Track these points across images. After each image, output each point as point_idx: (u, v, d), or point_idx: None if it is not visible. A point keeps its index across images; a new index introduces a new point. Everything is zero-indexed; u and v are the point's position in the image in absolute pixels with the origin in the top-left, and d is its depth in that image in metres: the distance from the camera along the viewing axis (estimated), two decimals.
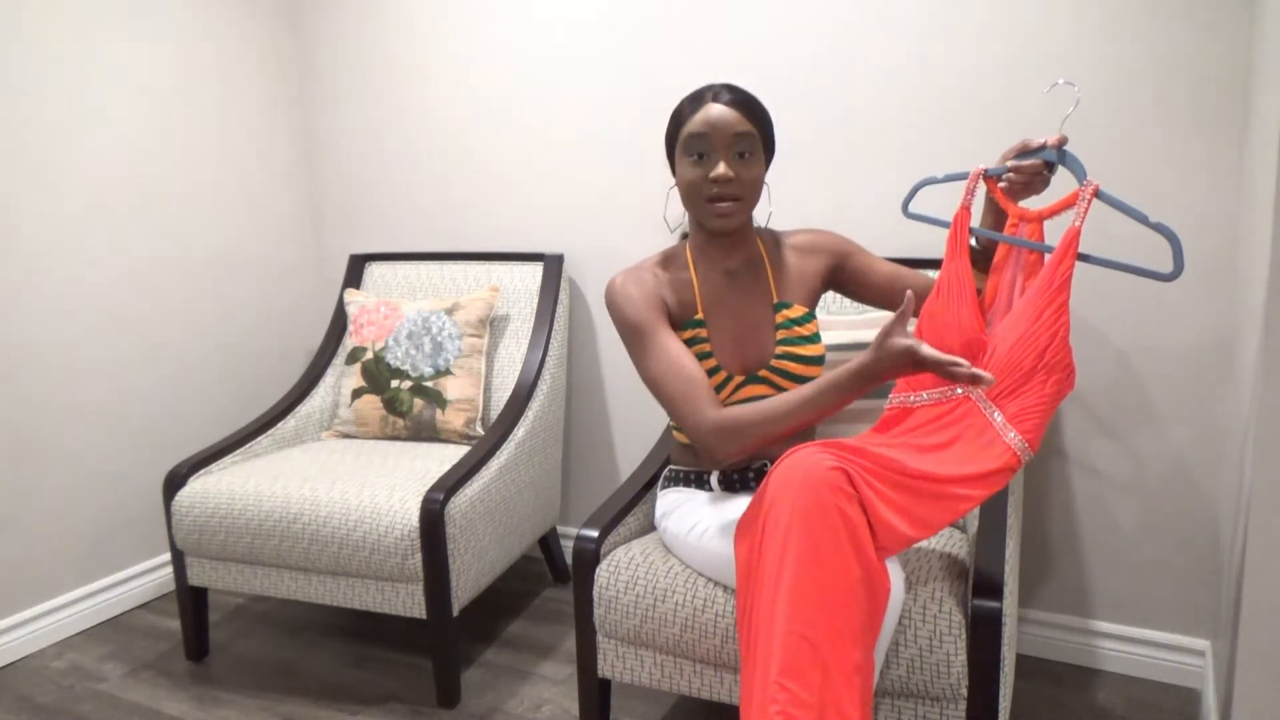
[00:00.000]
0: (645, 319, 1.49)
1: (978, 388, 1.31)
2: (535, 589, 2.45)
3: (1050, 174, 1.41)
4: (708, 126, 1.44)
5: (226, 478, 2.01)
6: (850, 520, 1.16)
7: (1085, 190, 1.31)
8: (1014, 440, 1.29)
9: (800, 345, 1.53)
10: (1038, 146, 1.38)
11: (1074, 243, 1.30)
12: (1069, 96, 1.53)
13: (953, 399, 1.39)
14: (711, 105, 1.45)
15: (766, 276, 1.57)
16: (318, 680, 2.02)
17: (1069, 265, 1.30)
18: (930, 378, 1.42)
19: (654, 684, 1.52)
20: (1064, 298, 1.30)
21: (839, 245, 1.61)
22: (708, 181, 1.44)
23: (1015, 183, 1.42)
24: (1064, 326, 1.30)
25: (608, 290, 1.54)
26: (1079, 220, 1.31)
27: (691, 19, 2.18)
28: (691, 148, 1.45)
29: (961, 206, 1.46)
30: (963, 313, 1.40)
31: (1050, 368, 1.29)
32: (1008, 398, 1.32)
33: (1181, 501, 1.84)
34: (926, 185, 1.56)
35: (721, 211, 1.46)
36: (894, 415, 1.45)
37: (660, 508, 1.61)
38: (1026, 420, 1.29)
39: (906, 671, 1.30)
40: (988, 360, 1.35)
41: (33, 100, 2.16)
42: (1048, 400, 1.30)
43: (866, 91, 2.01)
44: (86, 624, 2.31)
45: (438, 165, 2.61)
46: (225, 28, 2.59)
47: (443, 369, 2.25)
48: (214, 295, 2.61)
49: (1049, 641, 2.00)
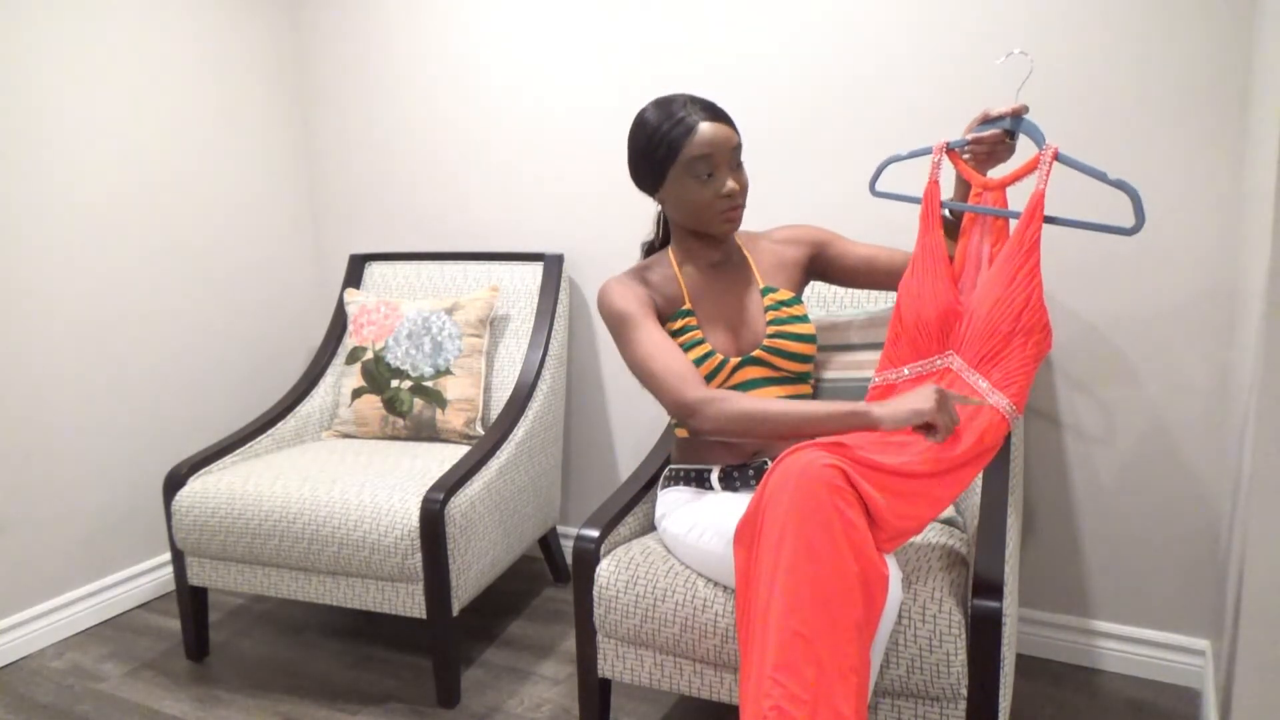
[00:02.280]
0: (632, 310, 1.54)
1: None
2: (535, 589, 2.45)
3: (1013, 141, 1.43)
4: (712, 147, 1.47)
5: (226, 478, 2.01)
6: (847, 518, 1.16)
7: (1045, 154, 1.34)
8: (1002, 404, 1.32)
9: (792, 324, 1.58)
10: (997, 116, 1.41)
11: (1039, 206, 1.33)
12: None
13: (932, 371, 1.43)
14: (704, 125, 1.48)
15: (749, 266, 1.64)
16: (318, 680, 2.02)
17: (1036, 228, 1.32)
18: (909, 352, 1.46)
19: (654, 684, 1.52)
20: (1034, 259, 1.32)
21: (815, 235, 1.68)
22: (721, 198, 1.50)
23: (979, 153, 1.45)
24: (1037, 287, 1.32)
25: (598, 294, 1.59)
26: (1042, 183, 1.34)
27: (692, 19, 2.18)
28: (698, 169, 1.49)
29: (930, 180, 1.49)
30: (938, 285, 1.43)
31: (1028, 330, 1.32)
32: (990, 363, 1.35)
33: (1182, 501, 1.84)
34: (892, 163, 1.59)
35: (732, 219, 1.53)
36: (877, 395, 1.49)
37: (660, 507, 1.62)
38: (1011, 384, 1.33)
39: (906, 671, 1.30)
40: (965, 327, 1.38)
41: (32, 101, 2.16)
42: (1030, 361, 1.33)
43: (851, 84, 2.01)
44: (86, 624, 2.31)
45: (438, 165, 2.61)
46: (225, 28, 2.59)
47: (443, 369, 2.25)
48: (214, 295, 2.61)
49: (1049, 641, 2.00)
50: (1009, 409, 1.32)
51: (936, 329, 1.42)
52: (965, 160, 1.47)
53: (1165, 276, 1.79)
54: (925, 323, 1.43)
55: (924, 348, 1.44)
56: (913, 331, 1.45)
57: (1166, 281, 1.79)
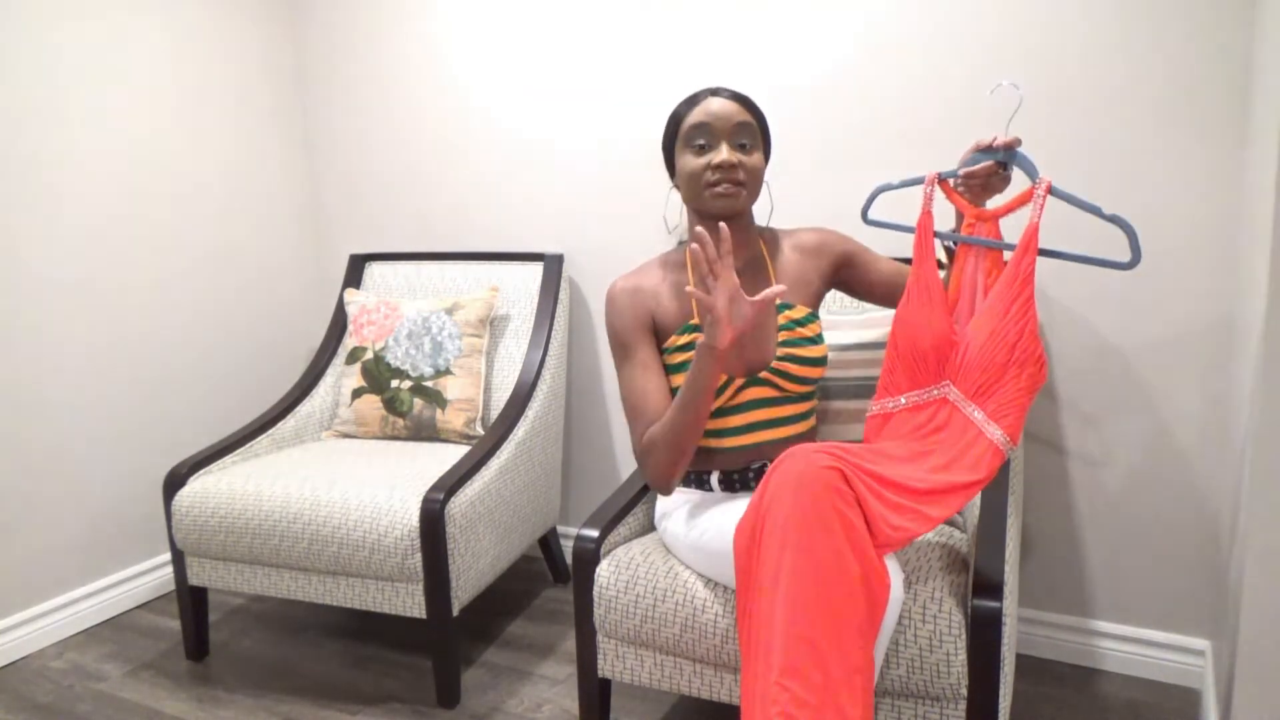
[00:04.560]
0: (626, 339, 1.54)
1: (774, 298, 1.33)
2: (535, 589, 2.45)
3: (1008, 172, 1.43)
4: (709, 116, 1.46)
5: (226, 478, 2.01)
6: (847, 519, 1.16)
7: (1039, 187, 1.35)
8: (996, 436, 1.33)
9: (802, 346, 1.53)
10: (988, 147, 1.41)
11: (1033, 238, 1.34)
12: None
13: (930, 400, 1.43)
14: (711, 99, 1.49)
15: (769, 278, 1.57)
16: (318, 680, 2.02)
17: (1031, 261, 1.34)
18: (905, 381, 1.46)
19: (654, 684, 1.52)
20: (1029, 292, 1.33)
21: (842, 245, 1.62)
22: (710, 169, 1.46)
23: (973, 185, 1.45)
24: (1032, 320, 1.33)
25: (607, 294, 1.58)
26: (1036, 217, 1.35)
27: (692, 19, 2.18)
28: (693, 138, 1.47)
29: (923, 212, 1.48)
30: (932, 316, 1.43)
31: (1022, 362, 1.33)
32: (985, 395, 1.35)
33: (1182, 501, 1.84)
34: (883, 191, 1.59)
35: (722, 192, 1.46)
36: (875, 424, 1.49)
37: (660, 508, 1.62)
38: (1006, 415, 1.33)
39: (906, 671, 1.30)
40: (960, 359, 1.38)
41: (31, 101, 2.16)
42: (1024, 393, 1.33)
43: (880, 94, 2.01)
44: (86, 624, 2.31)
45: (438, 165, 2.61)
46: (225, 27, 2.59)
47: (443, 369, 2.25)
48: (214, 295, 2.61)
49: (1049, 641, 2.00)
50: (1003, 441, 1.32)
51: (933, 359, 1.42)
52: (959, 192, 1.47)
53: (1164, 301, 1.79)
54: (921, 352, 1.43)
55: (920, 377, 1.44)
56: (908, 360, 1.45)
57: (1166, 297, 1.79)
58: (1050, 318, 1.90)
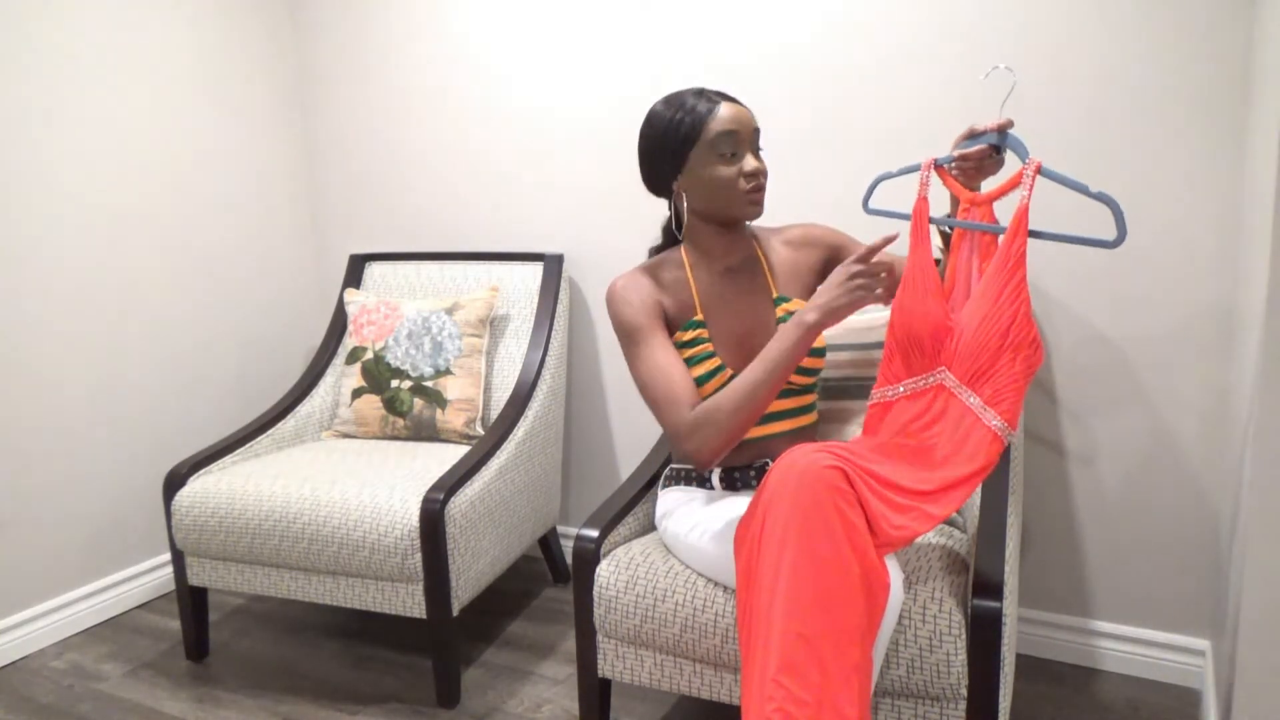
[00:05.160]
0: (640, 323, 1.52)
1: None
2: (535, 589, 2.45)
3: (1001, 155, 1.43)
4: (738, 124, 1.47)
5: (226, 478, 2.01)
6: (848, 519, 1.17)
7: (1029, 168, 1.35)
8: (994, 423, 1.32)
9: None
10: (982, 131, 1.41)
11: (1024, 219, 1.33)
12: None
13: (927, 388, 1.42)
14: (726, 104, 1.49)
15: (764, 272, 1.60)
16: (318, 680, 2.02)
17: (1022, 243, 1.33)
18: (903, 368, 1.46)
19: (654, 684, 1.52)
20: (1021, 274, 1.33)
21: (830, 237, 1.65)
22: (745, 176, 1.48)
23: (967, 168, 1.45)
24: (1025, 302, 1.32)
25: (608, 293, 1.57)
26: (1026, 198, 1.34)
27: (693, 19, 2.18)
28: (722, 145, 1.47)
29: (919, 198, 1.49)
30: (929, 302, 1.43)
31: (1016, 345, 1.32)
32: (980, 380, 1.34)
33: (1182, 501, 1.84)
34: (883, 180, 1.59)
35: (758, 200, 1.51)
36: (876, 413, 1.48)
37: (661, 507, 1.62)
38: (1002, 401, 1.32)
39: (906, 671, 1.30)
40: (955, 344, 1.38)
41: (31, 101, 2.16)
42: (1019, 377, 1.32)
43: (868, 89, 2.01)
44: (86, 624, 2.31)
45: (438, 165, 2.61)
46: (225, 28, 2.59)
47: (443, 369, 2.25)
48: (214, 295, 2.61)
49: (1049, 641, 2.00)
50: (1001, 427, 1.31)
51: (929, 345, 1.42)
52: (954, 176, 1.47)
53: (1165, 290, 1.79)
54: (917, 339, 1.42)
55: (917, 364, 1.44)
56: (906, 347, 1.45)
57: (1166, 295, 1.79)
58: (1050, 317, 1.90)
